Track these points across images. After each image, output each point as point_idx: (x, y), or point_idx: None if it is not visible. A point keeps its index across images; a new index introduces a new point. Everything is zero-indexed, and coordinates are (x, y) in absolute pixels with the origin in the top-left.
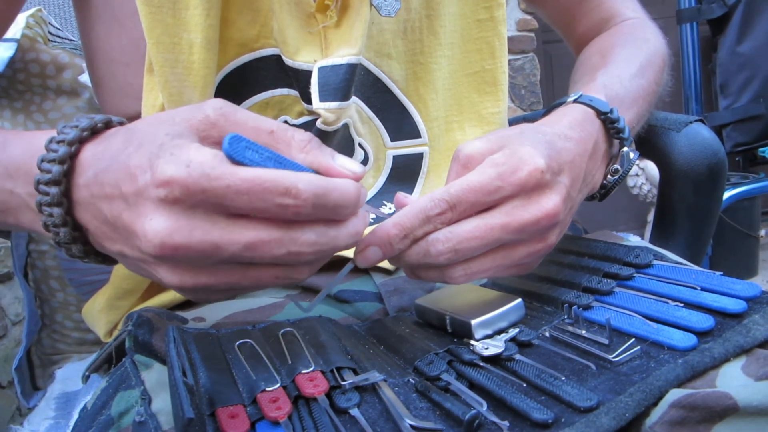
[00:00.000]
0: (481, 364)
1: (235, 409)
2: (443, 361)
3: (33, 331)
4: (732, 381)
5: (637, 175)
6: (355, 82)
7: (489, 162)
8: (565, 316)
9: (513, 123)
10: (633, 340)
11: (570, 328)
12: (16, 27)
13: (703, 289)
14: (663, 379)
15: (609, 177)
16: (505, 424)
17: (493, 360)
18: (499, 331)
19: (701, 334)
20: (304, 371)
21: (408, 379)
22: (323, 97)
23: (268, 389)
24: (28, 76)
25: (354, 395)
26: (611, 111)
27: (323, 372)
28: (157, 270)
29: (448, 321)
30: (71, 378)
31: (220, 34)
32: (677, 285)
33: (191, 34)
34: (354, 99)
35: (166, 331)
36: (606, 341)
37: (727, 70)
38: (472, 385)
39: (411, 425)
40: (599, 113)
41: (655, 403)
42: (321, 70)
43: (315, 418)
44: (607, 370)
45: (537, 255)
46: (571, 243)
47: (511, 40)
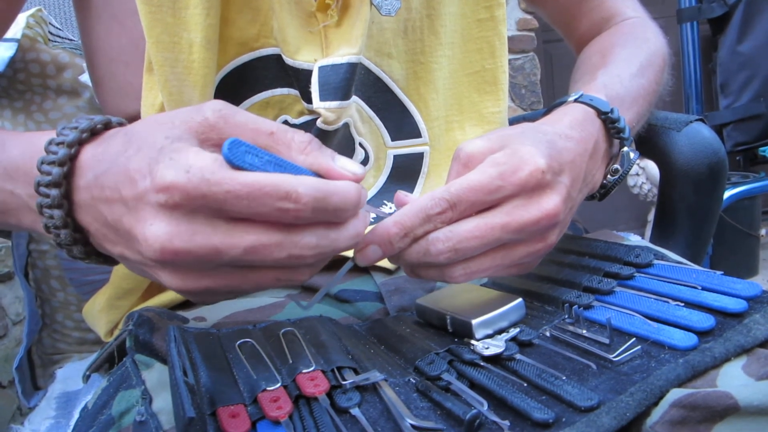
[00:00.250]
0: (481, 363)
1: (235, 408)
2: (444, 361)
3: (34, 331)
4: (733, 380)
5: (637, 174)
6: (355, 82)
7: (490, 161)
8: (566, 316)
9: (513, 122)
10: (634, 339)
11: (571, 328)
12: (17, 27)
13: (703, 288)
14: (664, 378)
15: (609, 177)
16: (506, 423)
17: (494, 360)
18: (500, 331)
19: (702, 334)
20: (304, 371)
21: (409, 379)
22: (323, 97)
23: (268, 389)
24: (29, 75)
25: (355, 395)
26: (612, 111)
27: (324, 371)
28: (158, 273)
29: (448, 321)
30: (72, 377)
31: (220, 33)
32: (678, 284)
33: (191, 34)
34: (354, 98)
35: (166, 331)
36: (607, 341)
37: (728, 70)
38: (473, 385)
39: (412, 425)
40: (600, 113)
41: (655, 403)
42: (321, 69)
43: (316, 418)
44: (607, 369)
45: (537, 255)
46: (572, 242)
47: (511, 39)
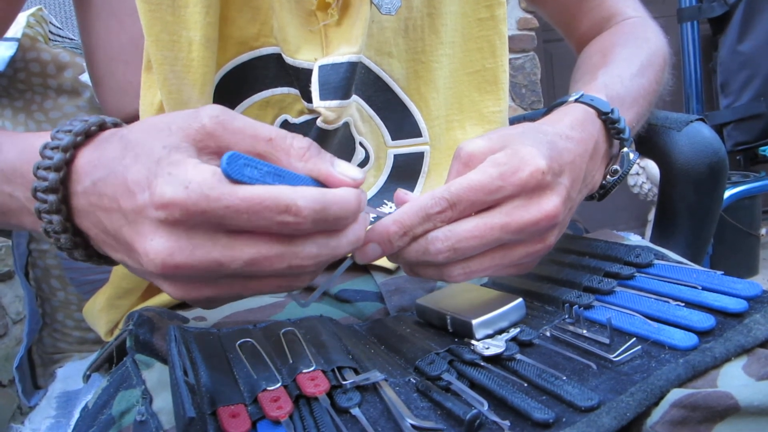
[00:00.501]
0: (482, 363)
1: (236, 408)
2: (444, 361)
3: (34, 330)
4: (733, 381)
5: (637, 174)
6: (355, 81)
7: (490, 161)
8: (566, 316)
9: (514, 122)
10: (634, 339)
11: (571, 328)
12: (17, 26)
13: (704, 288)
14: (664, 378)
15: (608, 177)
16: (506, 423)
17: (494, 360)
18: (500, 331)
19: (702, 334)
20: (305, 370)
21: (409, 379)
22: (324, 96)
23: (269, 388)
24: (29, 75)
25: (355, 395)
26: (612, 111)
27: (324, 371)
28: (159, 283)
29: (449, 321)
30: (72, 377)
31: (220, 32)
32: (678, 284)
33: (190, 32)
34: (355, 98)
35: (167, 331)
36: (607, 341)
37: (728, 69)
38: (473, 385)
39: (412, 425)
40: (600, 113)
41: (656, 403)
42: (321, 68)
43: (316, 418)
44: (608, 369)
45: (536, 255)
46: (572, 242)
47: (511, 38)
